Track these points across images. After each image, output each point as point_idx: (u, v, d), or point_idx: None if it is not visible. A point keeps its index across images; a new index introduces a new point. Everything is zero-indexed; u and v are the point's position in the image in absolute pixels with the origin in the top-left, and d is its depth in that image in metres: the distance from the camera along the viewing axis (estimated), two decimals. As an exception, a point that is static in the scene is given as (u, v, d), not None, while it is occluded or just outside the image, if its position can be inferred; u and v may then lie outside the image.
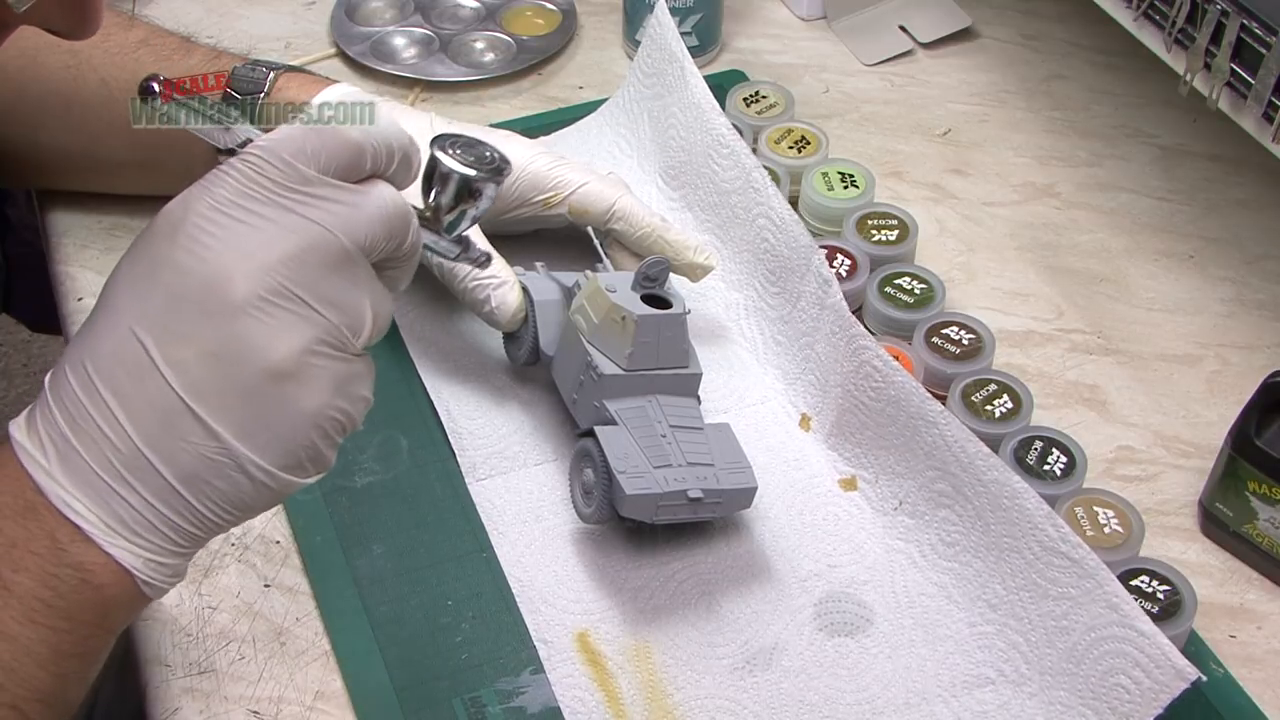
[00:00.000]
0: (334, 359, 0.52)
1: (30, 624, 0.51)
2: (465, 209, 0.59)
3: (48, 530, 0.51)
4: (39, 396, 0.52)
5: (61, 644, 0.52)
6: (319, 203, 0.52)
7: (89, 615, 0.52)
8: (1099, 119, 1.02)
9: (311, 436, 0.52)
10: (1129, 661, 0.63)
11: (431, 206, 0.59)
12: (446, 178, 0.58)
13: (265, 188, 0.51)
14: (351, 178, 0.53)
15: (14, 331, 2.05)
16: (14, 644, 0.51)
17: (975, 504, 0.70)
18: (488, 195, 0.59)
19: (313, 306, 0.51)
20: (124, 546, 0.51)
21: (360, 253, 0.53)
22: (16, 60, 0.84)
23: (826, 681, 0.69)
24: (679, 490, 0.70)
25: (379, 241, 0.54)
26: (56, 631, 0.52)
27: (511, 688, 0.68)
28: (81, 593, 0.51)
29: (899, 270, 0.83)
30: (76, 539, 0.51)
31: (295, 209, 0.51)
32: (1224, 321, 0.87)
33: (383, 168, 0.54)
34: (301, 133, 0.52)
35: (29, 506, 0.51)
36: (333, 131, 0.53)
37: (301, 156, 0.52)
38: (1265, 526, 0.72)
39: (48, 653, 0.52)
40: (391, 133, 0.55)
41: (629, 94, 0.95)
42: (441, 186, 0.59)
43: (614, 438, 0.71)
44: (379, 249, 0.54)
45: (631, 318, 0.72)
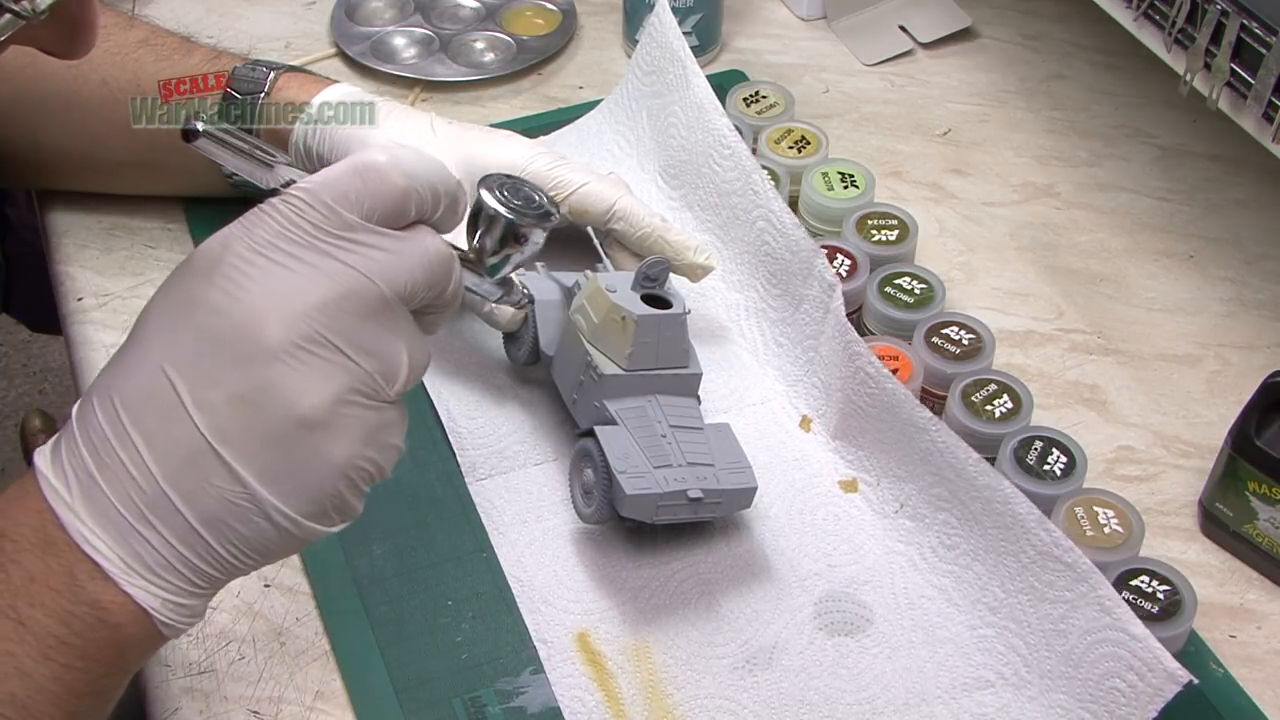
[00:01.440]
0: (366, 408, 0.52)
1: (45, 661, 0.50)
2: (510, 254, 0.58)
3: (66, 566, 0.50)
4: (65, 427, 0.52)
5: (75, 682, 0.51)
6: (359, 249, 0.51)
7: (104, 654, 0.51)
8: (1099, 119, 1.02)
9: (339, 486, 0.52)
10: (1123, 665, 0.63)
11: (475, 249, 0.58)
12: (493, 220, 0.57)
13: (305, 231, 0.50)
14: (395, 223, 0.52)
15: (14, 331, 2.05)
16: (28, 681, 0.50)
17: (971, 509, 0.70)
18: (534, 240, 0.58)
19: (347, 354, 0.51)
20: (143, 586, 0.51)
21: (399, 301, 0.52)
22: (17, 59, 0.84)
23: (826, 681, 0.69)
24: (679, 490, 0.70)
25: (420, 289, 0.53)
26: (71, 669, 0.51)
27: (511, 688, 0.68)
28: (98, 631, 0.51)
29: (899, 270, 0.83)
30: (95, 577, 0.50)
31: (335, 254, 0.51)
32: (1224, 321, 0.87)
33: (428, 213, 0.54)
34: (346, 176, 0.52)
35: (49, 541, 0.50)
36: (378, 176, 0.52)
37: (344, 201, 0.51)
38: (1265, 526, 0.72)
39: (61, 690, 0.51)
40: (437, 177, 0.53)
41: (627, 91, 0.95)
42: (487, 229, 0.58)
43: (614, 438, 0.71)
44: (420, 297, 0.53)
45: (631, 318, 0.72)
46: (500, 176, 0.59)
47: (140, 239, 0.91)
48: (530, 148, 0.82)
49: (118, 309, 0.86)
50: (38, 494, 0.51)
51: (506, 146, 0.82)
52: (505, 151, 0.81)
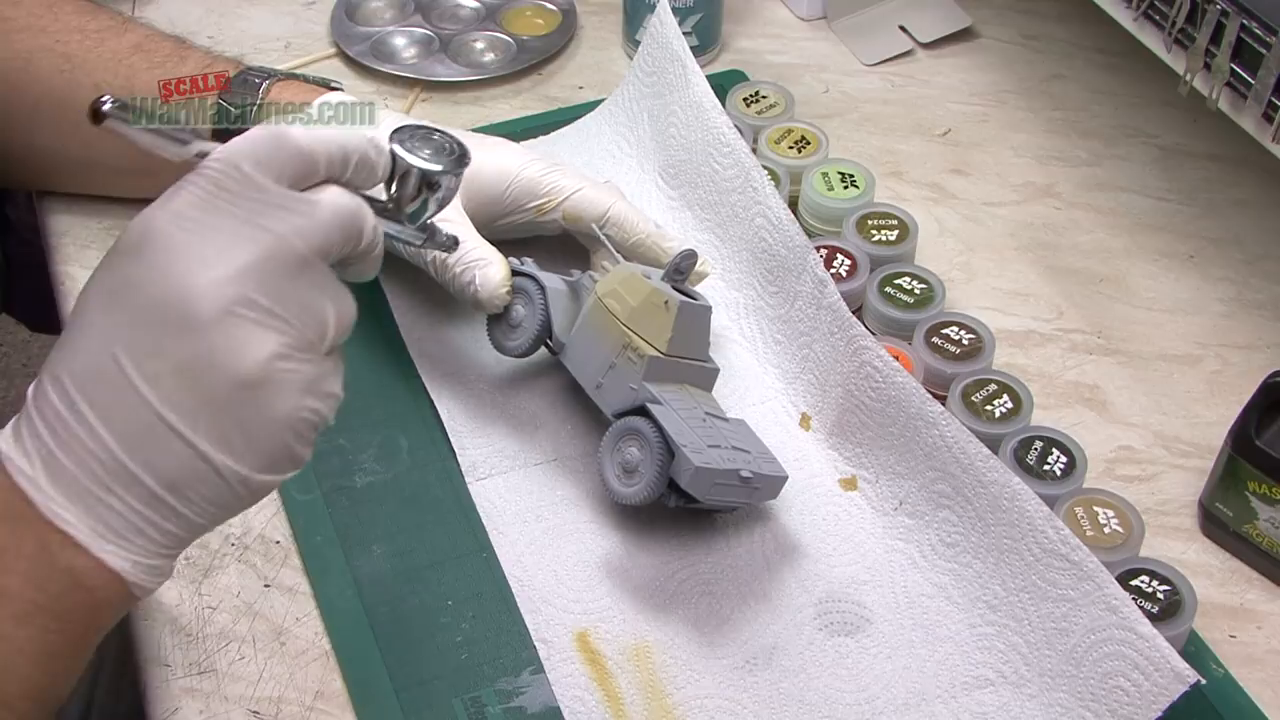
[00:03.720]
0: (302, 362, 0.54)
1: (22, 624, 0.52)
2: (426, 199, 0.61)
3: (37, 536, 0.52)
4: (22, 409, 0.54)
5: (52, 643, 0.53)
6: (275, 211, 0.53)
7: (80, 616, 0.54)
8: (1099, 119, 1.02)
9: (286, 439, 0.54)
10: (1128, 664, 0.63)
11: (394, 198, 0.61)
12: (405, 173, 0.61)
13: (222, 199, 0.53)
14: (305, 184, 0.55)
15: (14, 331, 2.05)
16: (7, 643, 0.52)
17: (975, 505, 0.70)
18: (447, 185, 0.61)
19: (276, 313, 0.53)
20: (112, 551, 0.53)
21: (317, 256, 0.54)
22: (11, 63, 0.84)
23: (826, 681, 0.69)
24: (734, 469, 0.70)
25: (335, 245, 0.55)
26: (47, 631, 0.53)
27: (511, 688, 0.68)
28: (73, 595, 0.53)
29: (899, 270, 0.83)
30: (66, 545, 0.52)
31: (252, 219, 0.53)
32: (1224, 321, 0.87)
33: (338, 172, 0.56)
34: (255, 143, 0.54)
35: (18, 514, 0.52)
36: (285, 140, 0.54)
37: (257, 167, 0.53)
38: (1265, 526, 0.72)
39: (39, 651, 0.53)
40: (344, 137, 0.56)
41: (629, 92, 0.95)
42: (400, 180, 0.61)
43: (668, 415, 0.71)
44: (335, 251, 0.55)
45: (675, 302, 0.73)
46: (410, 127, 0.62)
47: (140, 239, 0.90)
48: (522, 154, 0.82)
49: (118, 309, 0.86)
50: (2, 472, 0.53)
51: (498, 152, 0.82)
52: (497, 157, 0.81)
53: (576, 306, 0.77)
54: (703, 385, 0.77)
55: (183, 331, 0.51)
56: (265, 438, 0.53)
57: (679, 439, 0.69)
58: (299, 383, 0.54)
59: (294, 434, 0.54)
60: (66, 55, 0.84)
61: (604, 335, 0.75)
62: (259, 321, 0.52)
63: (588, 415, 0.80)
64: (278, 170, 0.54)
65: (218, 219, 0.52)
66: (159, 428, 0.52)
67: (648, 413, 0.71)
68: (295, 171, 0.54)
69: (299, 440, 0.55)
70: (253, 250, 0.52)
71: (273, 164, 0.53)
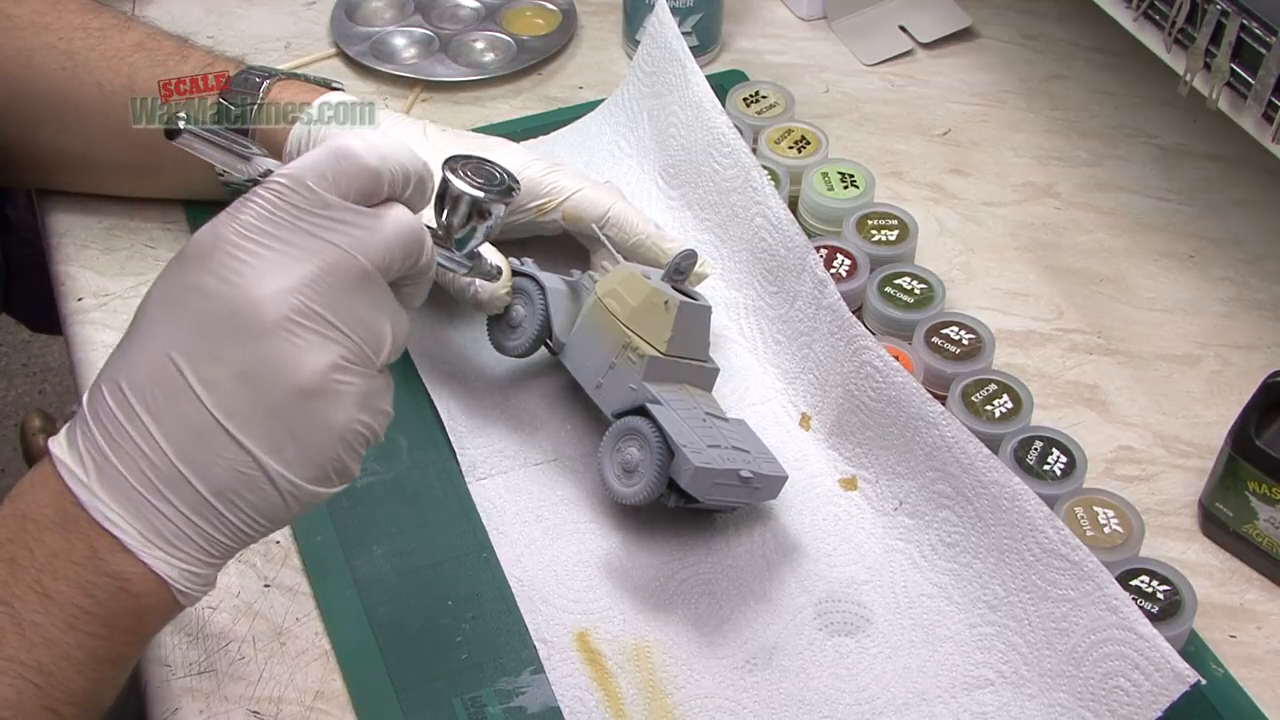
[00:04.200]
0: (358, 375, 0.55)
1: (70, 630, 0.53)
2: (475, 227, 0.63)
3: (87, 541, 0.53)
4: (77, 414, 0.55)
5: (99, 649, 0.54)
6: (339, 226, 0.54)
7: (126, 622, 0.54)
8: (1099, 119, 1.02)
9: (338, 450, 0.55)
10: (1128, 664, 0.63)
11: (444, 225, 0.63)
12: (457, 199, 0.62)
13: (289, 213, 0.53)
14: (369, 202, 0.55)
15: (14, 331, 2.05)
16: (54, 649, 0.53)
17: (975, 505, 0.70)
18: (496, 214, 0.63)
19: (337, 326, 0.53)
20: (160, 557, 0.53)
21: (378, 273, 0.55)
22: (13, 60, 0.84)
23: (826, 681, 0.69)
24: (733, 469, 0.70)
25: (396, 261, 0.56)
26: (94, 637, 0.54)
27: (511, 688, 0.68)
28: (119, 600, 0.53)
29: (899, 270, 0.83)
30: (115, 550, 0.53)
31: (317, 233, 0.54)
32: (1224, 321, 0.87)
33: (399, 192, 0.56)
34: (322, 160, 0.54)
35: (70, 519, 0.53)
36: (352, 158, 0.55)
37: (322, 183, 0.54)
38: (1265, 526, 0.72)
39: (86, 658, 0.54)
40: (407, 158, 0.56)
41: (628, 92, 0.95)
42: (452, 207, 0.62)
43: (667, 415, 0.71)
44: (396, 268, 0.56)
45: (675, 302, 0.73)
46: (463, 157, 0.64)
47: (140, 239, 0.91)
48: (523, 154, 0.82)
49: (118, 309, 0.86)
50: (55, 477, 0.54)
51: (499, 153, 0.82)
52: (498, 157, 0.81)
53: (576, 306, 0.77)
54: (703, 385, 0.77)
55: (244, 338, 0.52)
56: (318, 448, 0.54)
57: (679, 439, 0.69)
58: (354, 396, 0.54)
59: (346, 446, 0.55)
60: (68, 53, 0.84)
61: (604, 335, 0.75)
62: (319, 332, 0.53)
63: (588, 415, 0.80)
64: (343, 186, 0.54)
65: (283, 231, 0.53)
66: (214, 432, 0.52)
67: (648, 413, 0.71)
68: (360, 188, 0.55)
69: (349, 453, 0.55)
70: (316, 263, 0.53)
71: (338, 180, 0.54)
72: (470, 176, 0.62)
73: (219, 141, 0.58)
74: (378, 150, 0.55)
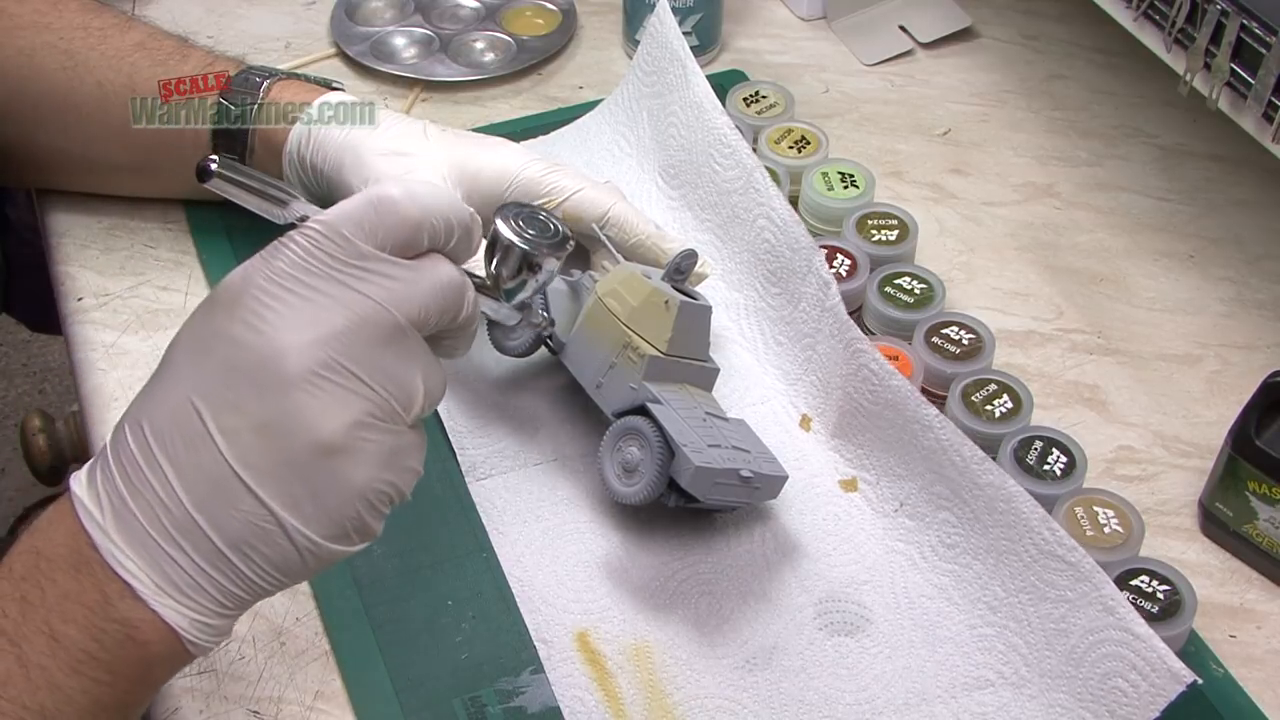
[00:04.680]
0: (384, 432, 0.53)
1: (75, 674, 0.52)
2: (525, 279, 0.61)
3: (98, 584, 0.52)
4: (100, 452, 0.54)
5: (103, 696, 0.53)
6: (374, 278, 0.53)
7: (132, 670, 0.53)
8: (1099, 119, 1.02)
9: (358, 509, 0.54)
10: (1126, 664, 0.63)
11: (492, 276, 0.61)
12: (508, 250, 0.60)
13: (322, 262, 0.52)
14: (408, 253, 0.54)
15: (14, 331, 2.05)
16: (58, 693, 0.52)
17: (973, 507, 0.70)
18: (549, 268, 0.61)
19: (364, 381, 0.52)
20: (171, 606, 0.52)
21: (413, 327, 0.54)
22: (14, 59, 0.84)
23: (826, 681, 0.69)
24: (733, 469, 0.70)
25: (432, 316, 0.55)
26: (99, 684, 0.53)
27: (511, 688, 0.68)
28: (126, 648, 0.52)
29: (899, 270, 0.83)
30: (125, 595, 0.52)
31: (350, 284, 0.52)
32: (1224, 321, 0.87)
33: (441, 243, 0.55)
34: (360, 208, 0.53)
35: (83, 560, 0.52)
36: (391, 208, 0.53)
37: (359, 232, 0.53)
38: (1265, 526, 0.72)
39: (89, 704, 0.53)
40: (450, 208, 0.55)
41: (628, 92, 0.95)
42: (503, 257, 0.60)
43: (668, 414, 0.71)
44: (433, 323, 0.55)
45: (675, 302, 0.73)
46: (515, 206, 0.61)
47: (140, 239, 0.91)
48: (523, 154, 0.82)
49: (118, 309, 0.86)
50: (72, 515, 0.53)
51: (499, 153, 0.82)
52: (498, 158, 0.81)
53: (576, 306, 0.77)
54: (703, 385, 0.77)
55: (266, 389, 0.51)
56: (337, 506, 0.53)
57: (679, 438, 0.69)
58: (378, 453, 0.53)
59: (367, 505, 0.54)
60: (69, 52, 0.84)
61: (604, 335, 0.75)
62: (345, 387, 0.52)
63: (588, 415, 0.80)
64: (380, 236, 0.53)
65: (315, 280, 0.52)
66: (231, 483, 0.51)
67: (648, 412, 0.71)
68: (399, 239, 0.54)
69: (371, 512, 0.54)
70: (347, 315, 0.52)
71: (375, 230, 0.53)
72: (522, 227, 0.60)
73: (252, 185, 0.56)
74: (419, 201, 0.54)
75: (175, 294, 0.87)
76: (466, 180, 0.80)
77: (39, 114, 0.85)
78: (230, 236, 0.89)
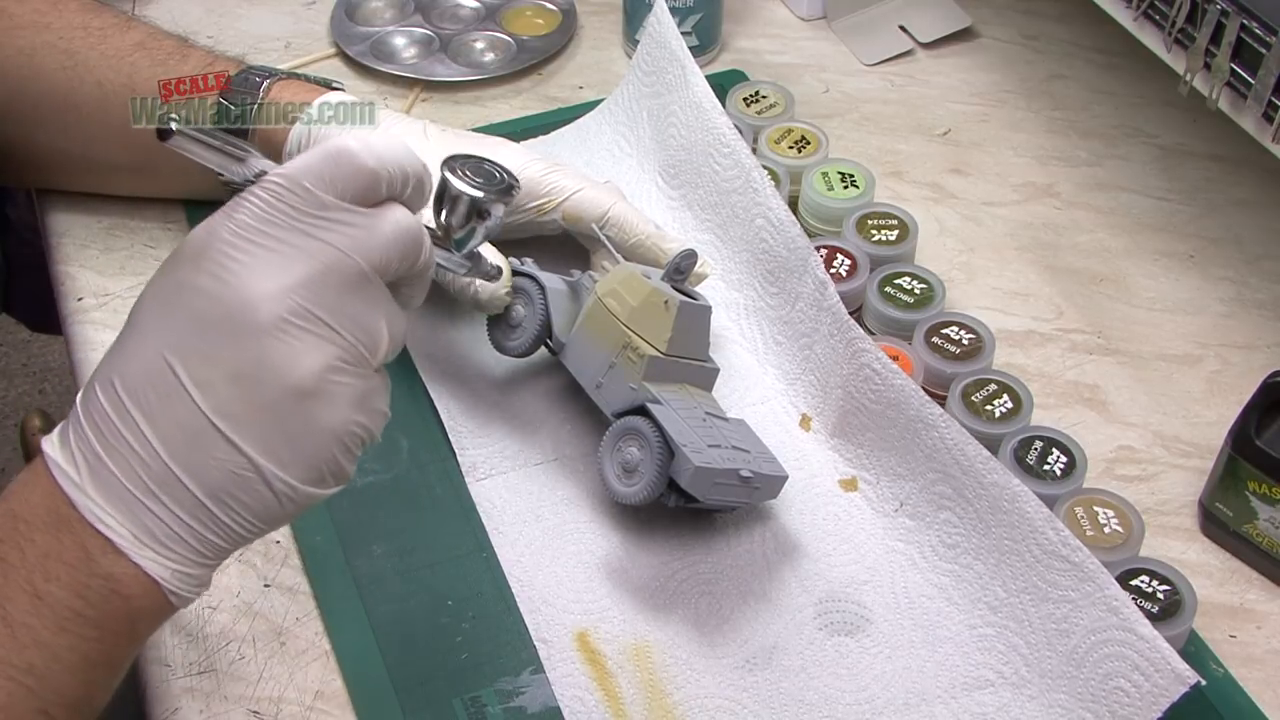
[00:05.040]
0: (354, 376, 0.54)
1: (61, 632, 0.53)
2: (474, 227, 0.62)
3: (79, 542, 0.52)
4: (70, 413, 0.54)
5: (91, 652, 0.53)
6: (336, 227, 0.54)
7: (118, 624, 0.54)
8: (1099, 119, 1.02)
9: (333, 451, 0.54)
10: (1128, 665, 0.63)
11: (443, 226, 0.62)
12: (456, 199, 0.61)
13: (285, 213, 0.53)
14: (367, 202, 0.55)
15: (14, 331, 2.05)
16: (45, 651, 0.52)
17: (975, 506, 0.70)
18: (496, 214, 0.62)
19: (332, 326, 0.53)
20: (152, 558, 0.53)
21: (375, 273, 0.55)
22: (14, 59, 0.84)
23: (826, 681, 0.69)
24: (733, 469, 0.70)
25: (393, 262, 0.55)
26: (86, 639, 0.53)
27: (511, 688, 0.68)
28: (111, 602, 0.53)
29: (899, 270, 0.83)
30: (107, 551, 0.53)
31: (313, 233, 0.53)
32: (1224, 321, 0.87)
33: (397, 192, 0.56)
34: (319, 161, 0.54)
35: (62, 519, 0.53)
36: (349, 159, 0.54)
37: (320, 183, 0.54)
38: (1265, 526, 0.72)
39: (77, 660, 0.53)
40: (405, 159, 0.56)
41: (628, 92, 0.95)
42: (451, 207, 0.61)
43: (667, 415, 0.71)
44: (393, 269, 0.56)
45: (675, 302, 0.73)
46: (462, 157, 0.63)
47: (140, 239, 0.91)
48: (522, 154, 0.82)
49: (118, 309, 0.86)
50: (47, 476, 0.53)
51: (499, 153, 0.82)
52: (497, 157, 0.81)
53: (576, 306, 0.77)
54: (703, 385, 0.77)
55: (238, 338, 0.52)
56: (313, 449, 0.54)
57: (679, 439, 0.69)
58: (349, 396, 0.54)
59: (341, 447, 0.55)
60: (69, 52, 0.84)
61: (604, 335, 0.75)
62: (314, 332, 0.53)
63: (588, 415, 0.80)
64: (339, 187, 0.54)
65: (278, 231, 0.53)
66: (208, 433, 0.52)
67: (648, 412, 0.71)
68: (357, 189, 0.54)
69: (345, 454, 0.55)
70: (312, 263, 0.53)
71: (335, 180, 0.54)
72: (469, 176, 0.62)
73: (212, 142, 0.58)
74: (375, 150, 0.55)
75: (175, 294, 0.87)
76: None
77: (39, 114, 0.85)
78: (230, 236, 0.89)
